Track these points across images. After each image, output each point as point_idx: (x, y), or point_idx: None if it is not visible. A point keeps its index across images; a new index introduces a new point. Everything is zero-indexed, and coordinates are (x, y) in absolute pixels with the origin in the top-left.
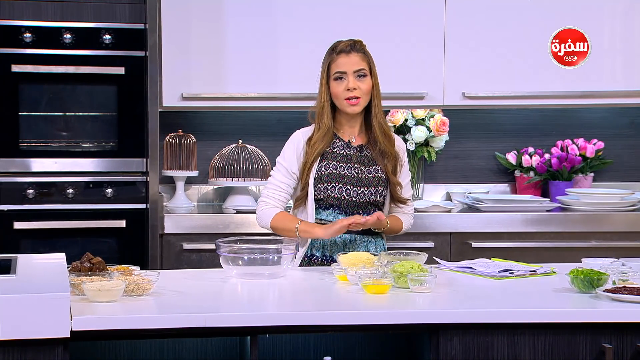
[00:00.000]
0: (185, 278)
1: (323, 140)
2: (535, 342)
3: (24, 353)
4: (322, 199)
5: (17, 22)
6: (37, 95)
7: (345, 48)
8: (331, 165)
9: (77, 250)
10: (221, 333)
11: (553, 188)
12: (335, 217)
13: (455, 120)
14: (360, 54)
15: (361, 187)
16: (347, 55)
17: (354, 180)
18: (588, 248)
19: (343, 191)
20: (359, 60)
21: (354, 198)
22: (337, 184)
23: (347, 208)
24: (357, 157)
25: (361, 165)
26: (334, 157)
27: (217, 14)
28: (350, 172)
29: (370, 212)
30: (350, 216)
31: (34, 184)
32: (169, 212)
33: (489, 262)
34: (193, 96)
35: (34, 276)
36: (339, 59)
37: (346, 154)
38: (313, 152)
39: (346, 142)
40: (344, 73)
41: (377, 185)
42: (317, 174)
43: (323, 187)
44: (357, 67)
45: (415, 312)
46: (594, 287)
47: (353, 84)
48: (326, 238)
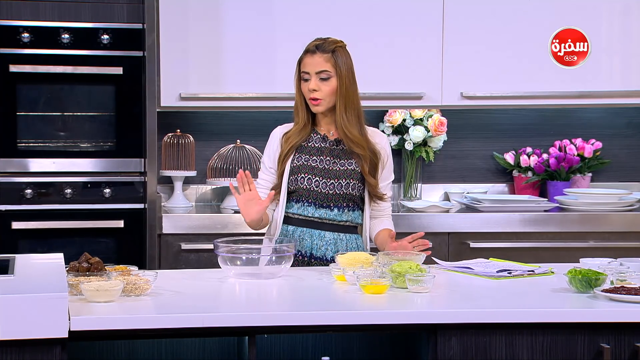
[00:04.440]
0: (184, 278)
1: (299, 135)
2: (534, 342)
3: (22, 353)
4: (294, 191)
5: (15, 22)
6: (35, 95)
7: (311, 48)
8: (303, 158)
9: (75, 250)
10: (219, 333)
11: (551, 188)
12: (305, 210)
13: (453, 120)
14: (325, 54)
15: (331, 179)
16: (312, 55)
17: (324, 172)
18: (586, 248)
19: (312, 182)
20: (323, 61)
21: (323, 190)
22: (306, 174)
23: (316, 200)
24: (330, 150)
25: (335, 158)
26: (309, 151)
27: (215, 14)
28: (321, 164)
29: (342, 206)
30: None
31: (32, 184)
32: (167, 212)
33: (487, 262)
34: (191, 96)
35: (32, 276)
36: (305, 59)
37: (321, 147)
38: (287, 145)
39: (322, 135)
40: (307, 73)
41: (348, 177)
42: (291, 166)
43: (294, 178)
44: (319, 69)
45: (413, 312)
46: (592, 287)
47: (314, 85)
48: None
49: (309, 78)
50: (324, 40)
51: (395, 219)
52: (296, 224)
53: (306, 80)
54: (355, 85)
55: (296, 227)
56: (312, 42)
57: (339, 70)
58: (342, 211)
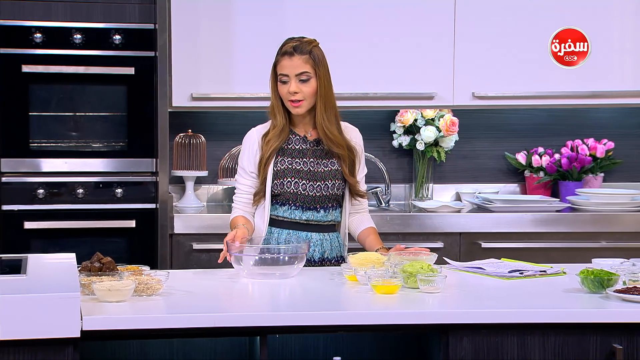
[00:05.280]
0: (195, 278)
1: (279, 138)
2: (545, 343)
3: (34, 353)
4: (279, 194)
5: (28, 22)
6: (47, 96)
7: (288, 50)
8: (287, 161)
9: (87, 250)
10: (231, 333)
11: (563, 188)
12: (292, 214)
13: (464, 120)
14: (304, 56)
15: (317, 181)
16: (290, 58)
17: (310, 175)
18: (598, 248)
19: (299, 186)
20: (302, 63)
21: (310, 192)
22: (292, 178)
23: (303, 203)
24: (312, 152)
25: (317, 159)
26: (290, 153)
27: (226, 14)
28: (306, 167)
29: (328, 206)
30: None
31: (44, 184)
32: (178, 212)
33: (498, 263)
34: (202, 96)
35: (44, 276)
36: (282, 61)
37: (302, 148)
38: (268, 149)
39: (302, 136)
40: (286, 76)
41: (334, 178)
42: (274, 170)
43: (279, 182)
44: (299, 71)
45: (424, 313)
46: (604, 287)
47: (294, 88)
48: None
49: (287, 80)
50: (299, 40)
51: (407, 220)
52: (282, 227)
53: (284, 83)
54: (331, 83)
55: (282, 230)
56: (288, 44)
57: (318, 70)
58: (327, 212)
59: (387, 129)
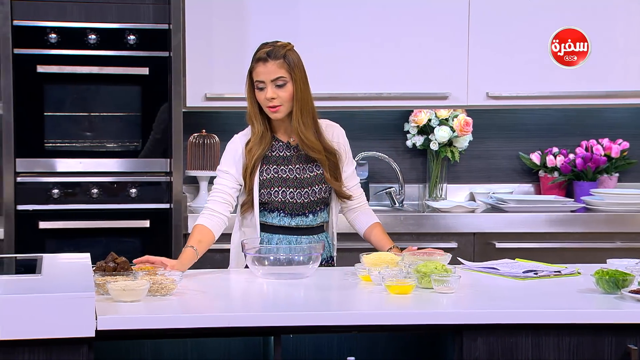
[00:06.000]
0: (209, 278)
1: (260, 145)
2: (560, 343)
3: (49, 352)
4: (267, 202)
5: (42, 22)
6: (62, 96)
7: (262, 56)
8: (272, 170)
9: (102, 250)
10: (245, 333)
11: (577, 188)
12: (281, 220)
13: (478, 120)
14: (278, 60)
15: (304, 188)
16: (264, 64)
17: (296, 182)
18: (613, 249)
19: (287, 194)
20: (277, 68)
21: (298, 200)
22: (280, 188)
23: (292, 210)
24: (297, 157)
25: (302, 164)
26: (275, 161)
27: (240, 14)
28: (292, 174)
29: (316, 210)
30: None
31: (59, 184)
32: (192, 212)
33: (513, 263)
34: (216, 96)
35: (59, 276)
36: (257, 68)
37: (286, 155)
38: (251, 158)
39: (285, 143)
40: (262, 82)
41: (320, 182)
42: (260, 179)
43: (267, 192)
44: (274, 76)
45: (438, 313)
46: (619, 287)
47: (271, 94)
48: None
49: (264, 87)
50: (273, 45)
51: (420, 220)
52: (272, 232)
53: (261, 89)
54: (308, 85)
55: (272, 235)
56: (261, 50)
57: (294, 74)
58: (316, 215)
59: (401, 129)
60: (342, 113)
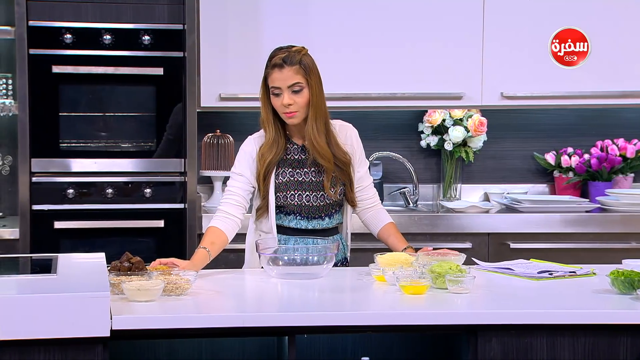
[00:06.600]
0: (224, 278)
1: (272, 151)
2: (575, 344)
3: (65, 352)
4: (283, 206)
5: (58, 23)
6: (77, 96)
7: (278, 62)
8: (288, 173)
9: (116, 249)
10: (259, 333)
11: (592, 189)
12: (298, 223)
13: (493, 120)
14: (294, 66)
15: (320, 191)
16: (280, 70)
17: (312, 185)
18: (628, 249)
19: (303, 198)
20: (293, 74)
21: (314, 203)
22: (296, 191)
23: (308, 213)
24: (312, 160)
25: (317, 167)
26: (290, 164)
27: (254, 14)
28: (307, 177)
29: (332, 212)
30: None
31: (74, 183)
32: (206, 212)
33: (527, 263)
34: (230, 96)
35: (74, 276)
36: (273, 74)
37: (301, 158)
38: (263, 163)
39: (300, 146)
40: (278, 88)
41: (335, 185)
42: (275, 182)
43: (282, 195)
44: (290, 82)
45: (453, 313)
46: (634, 288)
47: (288, 100)
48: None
49: (280, 93)
50: (288, 51)
51: (435, 220)
52: (288, 234)
53: (277, 95)
54: (323, 90)
55: (288, 237)
56: (277, 56)
57: (310, 79)
58: (332, 218)
59: (415, 129)
60: (356, 113)
